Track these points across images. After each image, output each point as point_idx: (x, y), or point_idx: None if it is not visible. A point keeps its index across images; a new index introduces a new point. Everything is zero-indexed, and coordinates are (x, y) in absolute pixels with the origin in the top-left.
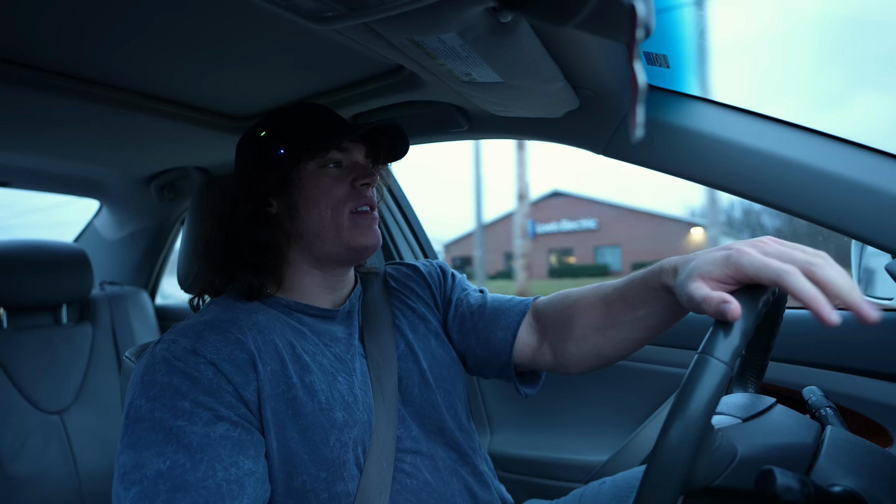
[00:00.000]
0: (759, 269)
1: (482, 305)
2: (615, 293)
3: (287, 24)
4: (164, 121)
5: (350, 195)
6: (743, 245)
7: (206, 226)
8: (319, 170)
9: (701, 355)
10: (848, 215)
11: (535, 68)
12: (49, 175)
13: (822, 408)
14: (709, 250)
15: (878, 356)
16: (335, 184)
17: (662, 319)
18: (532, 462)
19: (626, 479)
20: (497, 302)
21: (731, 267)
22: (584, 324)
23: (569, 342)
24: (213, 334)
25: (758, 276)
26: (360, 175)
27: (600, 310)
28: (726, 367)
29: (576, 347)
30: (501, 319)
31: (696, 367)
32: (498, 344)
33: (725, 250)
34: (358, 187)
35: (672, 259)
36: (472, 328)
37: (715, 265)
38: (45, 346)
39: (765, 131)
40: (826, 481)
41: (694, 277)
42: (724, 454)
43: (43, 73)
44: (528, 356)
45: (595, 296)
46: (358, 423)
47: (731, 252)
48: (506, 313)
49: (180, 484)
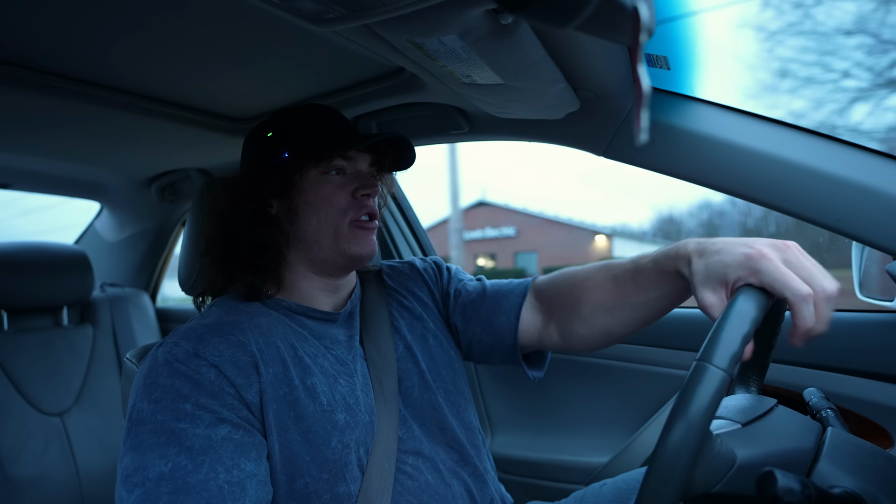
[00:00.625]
0: (776, 281)
1: (482, 292)
2: (625, 274)
3: (288, 25)
4: (165, 122)
5: (351, 205)
6: (766, 248)
7: (208, 224)
8: (322, 176)
9: (699, 362)
10: (849, 217)
11: (536, 70)
12: (50, 177)
13: (822, 409)
14: (730, 242)
15: (878, 358)
16: (337, 192)
17: (674, 301)
18: (533, 463)
19: (626, 481)
20: (496, 286)
21: (747, 270)
22: (592, 304)
23: (576, 322)
24: (215, 337)
25: (772, 287)
26: (362, 185)
27: (609, 291)
28: (724, 374)
29: (584, 327)
30: (503, 303)
31: (695, 374)
32: (502, 328)
33: (746, 248)
34: (359, 197)
35: (689, 244)
36: (475, 315)
37: (733, 269)
38: (45, 348)
39: (766, 133)
40: (827, 483)
41: (711, 281)
42: (723, 461)
43: (44, 74)
44: (535, 337)
45: (603, 276)
46: (360, 424)
47: (752, 254)
48: (506, 296)
49: (182, 486)
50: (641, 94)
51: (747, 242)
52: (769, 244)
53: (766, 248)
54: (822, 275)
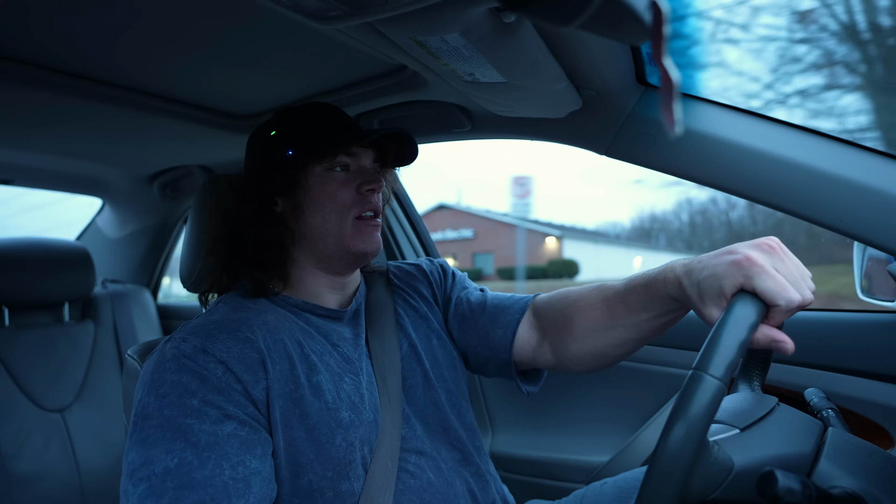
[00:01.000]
0: (770, 290)
1: (482, 303)
2: (616, 296)
3: (291, 23)
4: (168, 119)
5: (355, 200)
6: (750, 251)
7: (213, 222)
8: (326, 173)
9: (695, 371)
10: (851, 217)
11: (538, 68)
12: (52, 173)
13: (823, 409)
14: (713, 255)
15: (879, 358)
16: (341, 188)
17: (665, 322)
18: (533, 462)
19: (627, 480)
20: (497, 300)
21: (740, 276)
22: (584, 324)
23: (569, 342)
24: (223, 333)
25: (764, 295)
26: (366, 181)
27: (601, 311)
28: (720, 384)
29: (576, 347)
30: (501, 317)
31: (690, 383)
32: (498, 342)
33: (731, 256)
34: (363, 193)
35: (676, 268)
36: (473, 326)
37: (726, 279)
38: (47, 345)
39: (768, 133)
40: (827, 483)
41: (710, 298)
42: (721, 468)
43: (47, 71)
44: (529, 354)
45: (596, 297)
46: (364, 422)
47: (739, 259)
48: (505, 311)
49: (187, 481)
50: (672, 87)
51: (729, 250)
52: (751, 246)
53: (750, 251)
54: (804, 280)
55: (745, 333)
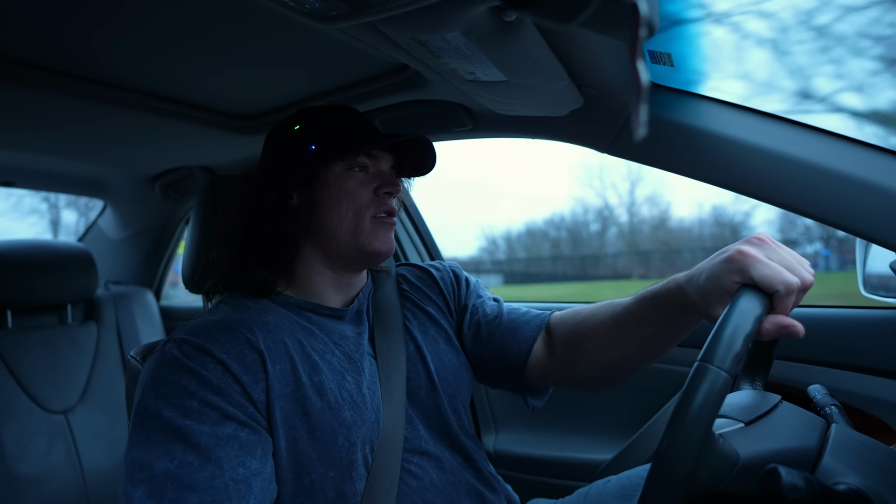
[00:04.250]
0: (766, 277)
1: (498, 316)
2: (624, 311)
3: (292, 23)
4: (169, 120)
5: (372, 202)
6: (742, 246)
7: (227, 213)
8: (346, 171)
9: (700, 363)
10: (853, 214)
11: (540, 67)
12: (54, 174)
13: (826, 406)
14: (708, 259)
15: (882, 354)
16: (360, 188)
17: (672, 335)
18: (537, 461)
19: (631, 478)
20: (514, 314)
21: (737, 272)
22: (593, 340)
23: (579, 358)
24: (222, 333)
25: (762, 282)
26: (384, 183)
27: (610, 326)
28: (726, 375)
29: (587, 363)
30: (518, 333)
31: (696, 375)
32: (512, 358)
33: (724, 254)
34: (381, 195)
35: (679, 278)
36: (488, 339)
37: (725, 276)
38: (50, 346)
39: (770, 129)
40: (831, 479)
41: (715, 298)
42: (726, 461)
43: (48, 72)
44: (539, 371)
45: (605, 313)
46: (366, 422)
47: (732, 255)
48: (522, 327)
49: (188, 483)
50: (640, 89)
51: (722, 250)
52: (742, 242)
53: (741, 246)
54: (801, 264)
55: (750, 325)
